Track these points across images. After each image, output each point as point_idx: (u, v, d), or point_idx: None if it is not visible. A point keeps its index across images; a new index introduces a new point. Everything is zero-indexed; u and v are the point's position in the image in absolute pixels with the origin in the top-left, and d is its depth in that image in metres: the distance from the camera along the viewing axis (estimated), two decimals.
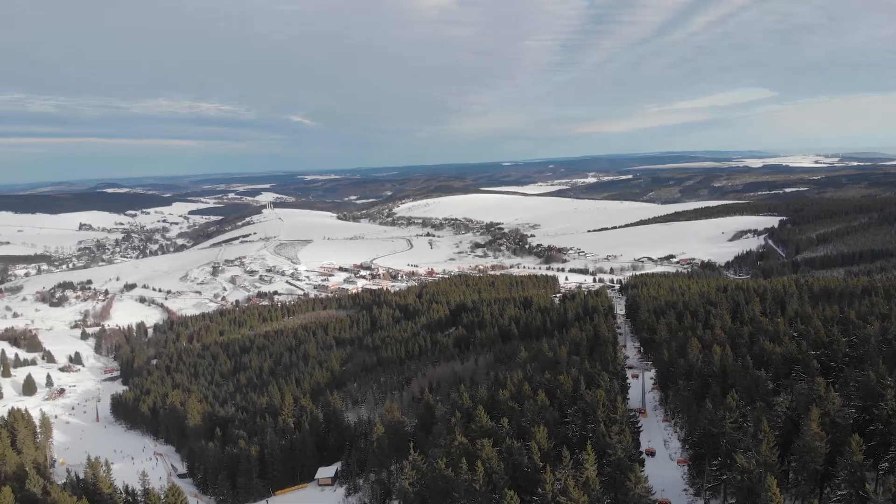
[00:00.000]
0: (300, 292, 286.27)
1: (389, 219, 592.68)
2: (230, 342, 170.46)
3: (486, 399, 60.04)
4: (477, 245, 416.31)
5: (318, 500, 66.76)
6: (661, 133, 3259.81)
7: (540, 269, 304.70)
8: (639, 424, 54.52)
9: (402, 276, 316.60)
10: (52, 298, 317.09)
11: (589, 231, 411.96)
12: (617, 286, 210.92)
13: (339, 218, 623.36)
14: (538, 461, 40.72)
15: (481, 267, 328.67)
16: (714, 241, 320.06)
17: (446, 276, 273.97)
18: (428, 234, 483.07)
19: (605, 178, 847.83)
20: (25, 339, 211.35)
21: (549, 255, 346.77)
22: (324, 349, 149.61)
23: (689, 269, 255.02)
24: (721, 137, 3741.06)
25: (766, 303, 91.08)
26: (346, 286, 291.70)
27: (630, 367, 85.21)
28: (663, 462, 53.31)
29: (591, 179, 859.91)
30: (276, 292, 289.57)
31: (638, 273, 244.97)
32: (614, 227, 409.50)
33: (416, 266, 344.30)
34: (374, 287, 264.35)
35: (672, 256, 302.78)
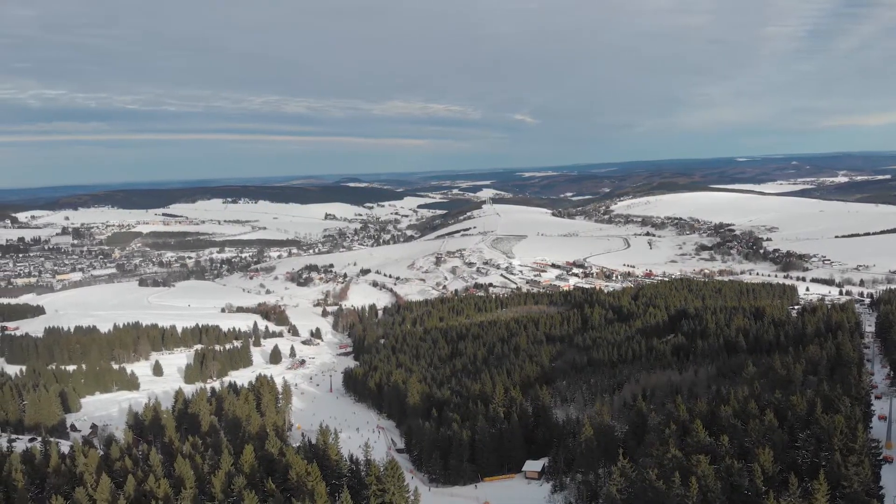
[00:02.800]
0: (513, 286, 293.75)
1: (606, 216, 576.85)
2: (448, 328, 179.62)
3: (705, 413, 56.85)
4: (703, 247, 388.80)
5: (524, 492, 67.69)
6: None
7: (776, 276, 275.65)
8: (881, 457, 47.78)
9: (616, 276, 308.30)
10: (299, 279, 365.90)
11: (836, 237, 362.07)
12: (867, 301, 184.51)
13: (553, 215, 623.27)
14: (761, 485, 38.03)
15: (707, 271, 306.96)
16: None
17: (666, 279, 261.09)
18: (647, 234, 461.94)
19: (858, 178, 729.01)
20: (275, 314, 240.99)
21: (788, 261, 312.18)
22: (534, 343, 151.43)
23: None
24: None
25: None
26: (557, 283, 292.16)
27: (878, 397, 74.20)
28: None
29: (841, 179, 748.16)
30: (490, 284, 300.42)
31: (893, 287, 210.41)
32: (867, 234, 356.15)
33: (633, 266, 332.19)
34: (587, 286, 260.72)
35: None
